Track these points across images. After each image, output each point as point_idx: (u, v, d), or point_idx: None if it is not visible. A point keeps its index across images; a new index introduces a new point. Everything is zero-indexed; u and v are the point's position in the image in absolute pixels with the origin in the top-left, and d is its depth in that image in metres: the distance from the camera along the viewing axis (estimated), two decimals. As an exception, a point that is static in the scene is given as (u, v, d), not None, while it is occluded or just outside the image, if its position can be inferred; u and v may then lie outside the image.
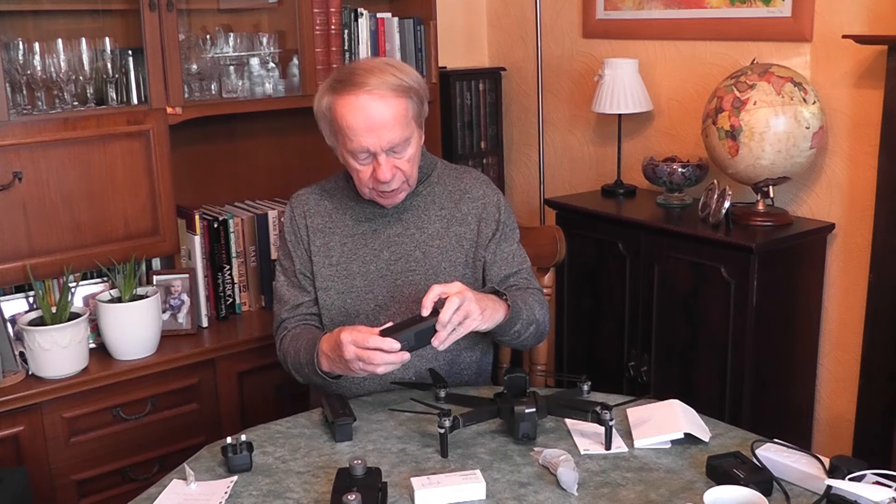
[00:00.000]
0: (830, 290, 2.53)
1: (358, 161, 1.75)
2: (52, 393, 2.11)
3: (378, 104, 1.69)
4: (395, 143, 1.71)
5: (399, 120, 1.71)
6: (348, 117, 1.70)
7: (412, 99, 1.75)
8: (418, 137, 1.79)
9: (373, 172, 1.74)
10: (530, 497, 1.37)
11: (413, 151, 1.77)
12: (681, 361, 2.50)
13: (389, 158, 1.73)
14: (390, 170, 1.73)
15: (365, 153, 1.73)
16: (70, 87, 2.27)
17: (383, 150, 1.71)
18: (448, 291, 1.57)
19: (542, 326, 1.85)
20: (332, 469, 1.42)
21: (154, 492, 1.42)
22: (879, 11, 2.29)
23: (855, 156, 2.42)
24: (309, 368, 1.73)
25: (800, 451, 1.43)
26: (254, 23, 2.74)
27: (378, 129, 1.69)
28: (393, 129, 1.70)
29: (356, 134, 1.70)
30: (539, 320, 1.82)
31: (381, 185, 1.75)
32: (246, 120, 2.69)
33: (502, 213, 1.90)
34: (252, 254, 2.59)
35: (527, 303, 1.79)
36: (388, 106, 1.70)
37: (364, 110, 1.69)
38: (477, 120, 3.26)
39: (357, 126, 1.70)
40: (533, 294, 1.85)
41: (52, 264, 2.21)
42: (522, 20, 3.31)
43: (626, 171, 2.95)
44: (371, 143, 1.70)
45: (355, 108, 1.70)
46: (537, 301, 1.84)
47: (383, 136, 1.70)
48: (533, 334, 1.83)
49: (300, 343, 1.79)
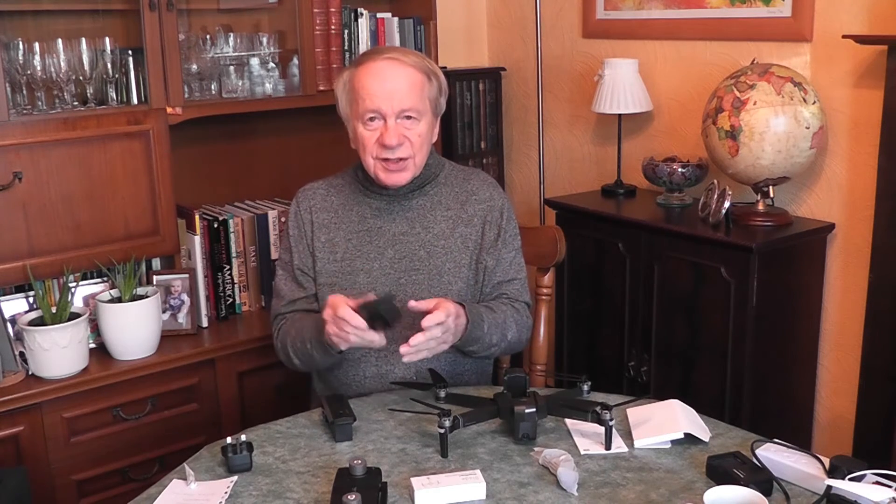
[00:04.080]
0: (830, 290, 2.53)
1: (366, 126, 1.76)
2: (52, 393, 2.11)
3: (397, 69, 1.75)
4: (407, 109, 1.74)
5: (415, 89, 1.75)
6: (365, 79, 1.75)
7: (431, 81, 1.80)
8: (430, 121, 1.81)
9: (379, 137, 1.75)
10: (530, 497, 1.37)
11: (424, 129, 1.79)
12: (681, 361, 2.50)
13: (398, 124, 1.75)
14: (397, 135, 1.74)
15: (375, 114, 1.75)
16: (70, 87, 2.27)
17: (394, 113, 1.74)
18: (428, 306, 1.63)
19: (510, 347, 1.87)
20: (332, 469, 1.42)
21: (154, 492, 1.42)
22: (879, 11, 2.29)
23: (855, 156, 2.42)
24: (314, 342, 1.74)
25: (800, 451, 1.43)
26: (254, 23, 2.74)
27: (392, 92, 1.74)
28: (407, 95, 1.74)
29: (370, 93, 1.74)
30: (510, 340, 1.84)
31: (386, 150, 1.75)
32: (246, 120, 2.69)
33: (505, 219, 1.90)
34: (252, 254, 2.59)
35: (497, 325, 1.80)
36: (406, 74, 1.75)
37: (382, 72, 1.74)
38: (477, 120, 3.26)
39: (372, 86, 1.74)
40: (517, 311, 1.86)
41: (52, 264, 2.21)
42: (522, 20, 3.31)
43: (626, 171, 2.95)
44: (383, 103, 1.73)
45: (374, 70, 1.75)
46: (516, 320, 1.85)
47: (395, 100, 1.74)
48: (495, 354, 1.88)
49: (305, 322, 1.79)
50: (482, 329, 1.76)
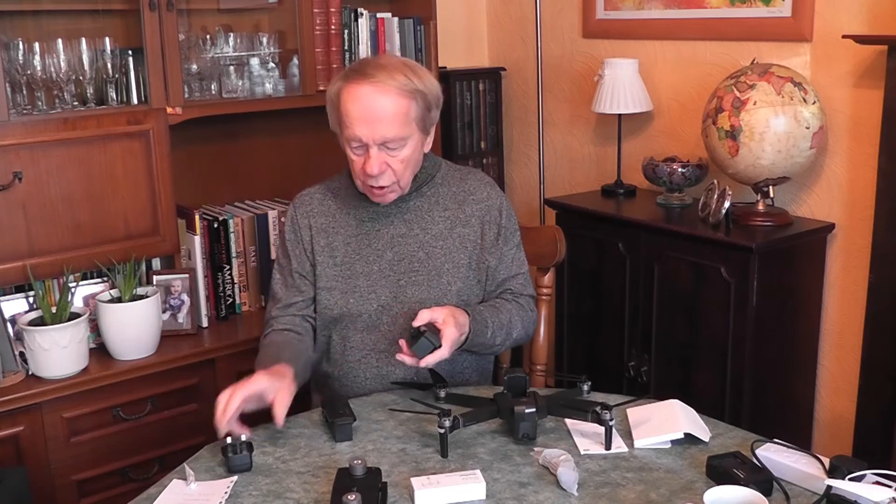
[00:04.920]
0: (830, 290, 2.53)
1: (352, 151, 1.76)
2: (52, 393, 2.11)
3: (379, 98, 1.70)
4: (389, 140, 1.72)
5: (398, 118, 1.72)
6: (349, 104, 1.72)
7: (417, 101, 1.75)
8: (418, 141, 1.78)
9: (363, 165, 1.74)
10: (530, 497, 1.37)
11: (408, 153, 1.76)
12: (681, 361, 2.50)
13: (381, 153, 1.73)
14: (379, 165, 1.73)
15: (357, 143, 1.73)
16: (70, 87, 2.27)
17: (375, 143, 1.72)
18: (436, 318, 1.64)
19: (515, 343, 1.90)
20: (332, 469, 1.42)
21: (154, 492, 1.42)
22: (879, 11, 2.29)
23: (855, 156, 2.42)
24: None
25: (800, 451, 1.43)
26: (254, 23, 2.74)
27: (374, 122, 1.70)
28: (389, 124, 1.71)
29: (352, 122, 1.72)
30: (515, 338, 1.87)
31: (369, 178, 1.75)
32: (246, 120, 2.69)
33: (504, 217, 1.90)
34: (252, 254, 2.59)
35: (502, 325, 1.82)
36: (389, 101, 1.71)
37: (364, 100, 1.71)
38: (477, 120, 3.26)
39: (354, 114, 1.71)
40: (521, 307, 1.88)
41: (52, 264, 2.21)
42: (522, 20, 3.31)
43: (626, 171, 2.95)
44: (364, 133, 1.71)
45: (357, 96, 1.71)
46: (521, 317, 1.87)
47: (377, 130, 1.71)
48: (500, 351, 1.91)
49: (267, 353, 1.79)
50: (485, 335, 1.77)
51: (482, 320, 1.77)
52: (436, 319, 1.64)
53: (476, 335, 1.74)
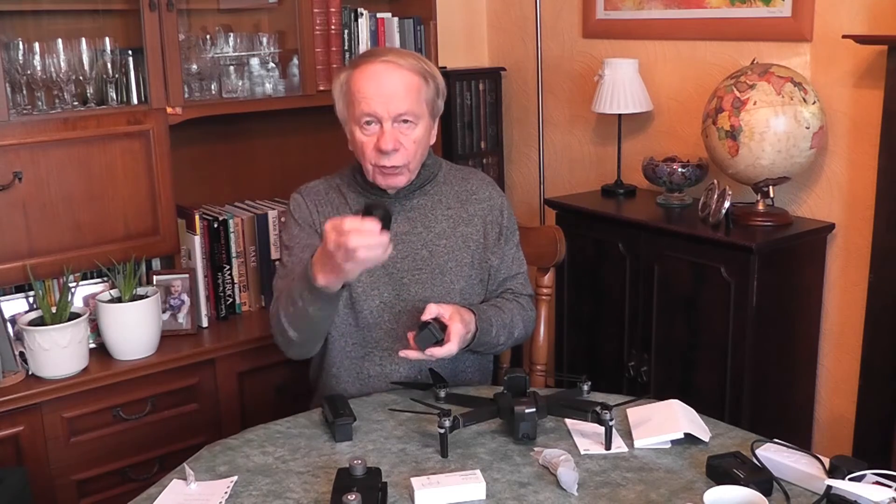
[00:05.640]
0: (830, 290, 2.53)
1: (363, 130, 1.76)
2: (52, 393, 2.11)
3: (393, 73, 1.73)
4: (403, 113, 1.73)
5: (411, 93, 1.74)
6: (361, 82, 1.74)
7: (429, 83, 1.78)
8: (427, 124, 1.80)
9: (376, 143, 1.74)
10: (530, 497, 1.37)
11: (420, 134, 1.77)
12: (681, 361, 2.50)
13: (394, 129, 1.74)
14: (393, 140, 1.73)
15: (371, 118, 1.74)
16: (70, 87, 2.27)
17: (390, 117, 1.73)
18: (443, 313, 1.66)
19: (515, 342, 1.93)
20: (332, 469, 1.42)
21: (154, 492, 1.42)
22: (879, 11, 2.29)
23: (855, 156, 2.42)
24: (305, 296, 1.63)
25: (800, 451, 1.43)
26: (254, 23, 2.74)
27: (388, 96, 1.72)
28: (403, 99, 1.73)
29: (366, 97, 1.73)
30: (516, 337, 1.90)
31: (382, 157, 1.74)
32: (246, 120, 2.69)
33: (506, 217, 1.92)
34: (252, 254, 2.59)
35: (505, 325, 1.83)
36: (402, 77, 1.74)
37: (378, 76, 1.73)
38: (477, 120, 3.26)
39: (369, 90, 1.73)
40: (522, 307, 1.90)
41: (52, 264, 2.21)
42: (522, 20, 3.31)
43: (626, 171, 2.95)
44: (379, 107, 1.72)
45: (370, 73, 1.74)
46: (522, 317, 1.89)
47: (392, 104, 1.72)
48: (500, 351, 1.94)
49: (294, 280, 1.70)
50: (490, 334, 1.79)
51: (487, 319, 1.77)
52: (442, 315, 1.66)
53: (482, 334, 1.75)
